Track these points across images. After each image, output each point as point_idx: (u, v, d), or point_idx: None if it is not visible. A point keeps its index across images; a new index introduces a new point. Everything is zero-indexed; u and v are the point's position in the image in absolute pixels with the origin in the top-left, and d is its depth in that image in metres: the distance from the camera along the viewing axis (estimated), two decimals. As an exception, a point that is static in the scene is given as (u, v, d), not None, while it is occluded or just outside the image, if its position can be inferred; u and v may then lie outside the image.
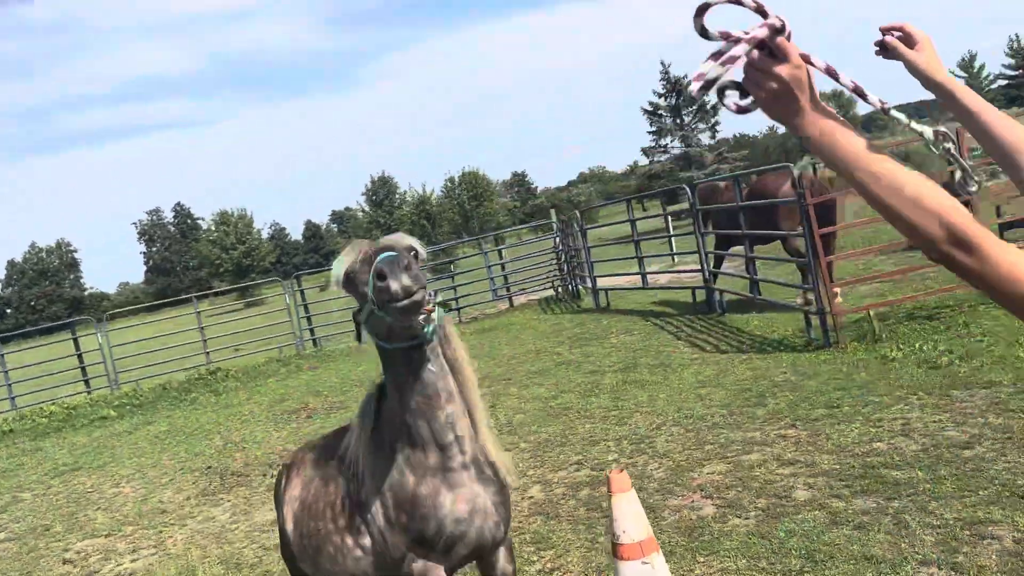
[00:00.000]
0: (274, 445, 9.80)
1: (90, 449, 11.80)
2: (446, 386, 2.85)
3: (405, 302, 2.54)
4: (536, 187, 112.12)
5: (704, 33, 1.30)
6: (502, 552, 3.15)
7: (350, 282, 2.82)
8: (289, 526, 3.49)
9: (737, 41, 1.29)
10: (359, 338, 2.89)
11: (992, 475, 4.58)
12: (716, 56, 1.31)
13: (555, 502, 5.85)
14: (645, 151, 42.97)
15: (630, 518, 3.40)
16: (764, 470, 5.50)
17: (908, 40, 1.57)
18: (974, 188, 1.40)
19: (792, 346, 8.84)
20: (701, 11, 1.30)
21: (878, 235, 15.74)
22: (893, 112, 1.42)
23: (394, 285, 2.51)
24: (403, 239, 2.86)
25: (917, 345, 7.60)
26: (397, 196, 73.49)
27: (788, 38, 1.30)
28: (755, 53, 1.30)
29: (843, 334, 8.43)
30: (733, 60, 1.30)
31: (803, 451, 5.69)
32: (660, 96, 43.24)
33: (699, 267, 11.95)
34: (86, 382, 18.29)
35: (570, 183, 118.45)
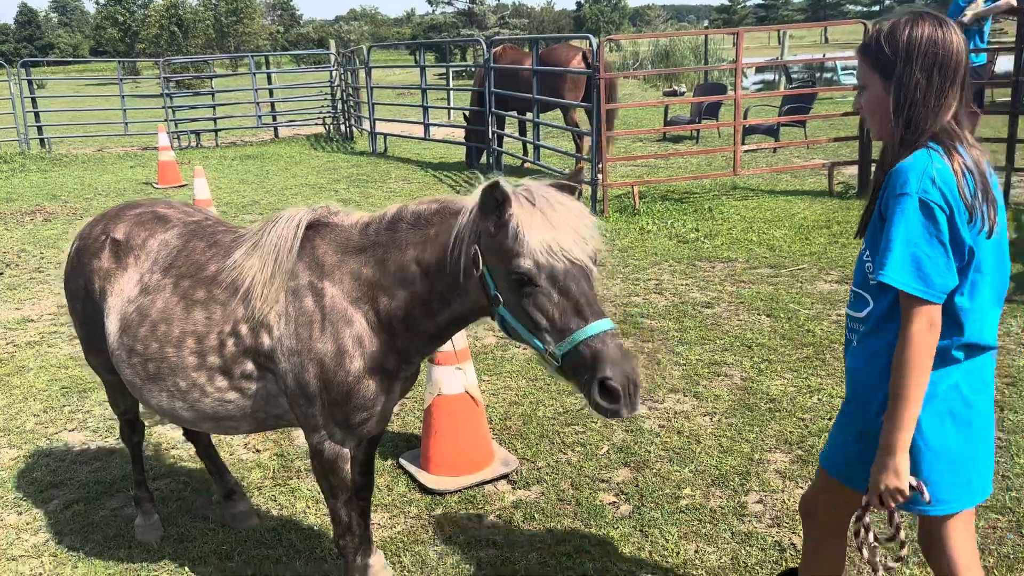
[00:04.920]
0: (8, 245, 8.86)
1: None
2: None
3: (614, 415, 2.07)
4: (301, 15, 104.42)
5: None
6: None
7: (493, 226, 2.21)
8: (112, 327, 2.82)
9: None
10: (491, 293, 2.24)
11: (727, 329, 5.51)
12: None
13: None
14: (429, -1, 41.61)
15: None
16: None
17: None
18: None
19: (563, 210, 9.51)
20: None
21: (640, 121, 17.03)
22: None
23: (625, 413, 2.04)
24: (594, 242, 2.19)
25: (669, 222, 8.59)
26: (141, -6, 64.98)
27: None
28: None
29: (609, 205, 9.25)
30: None
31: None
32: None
33: (479, 125, 12.15)
34: None
35: (339, 18, 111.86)
